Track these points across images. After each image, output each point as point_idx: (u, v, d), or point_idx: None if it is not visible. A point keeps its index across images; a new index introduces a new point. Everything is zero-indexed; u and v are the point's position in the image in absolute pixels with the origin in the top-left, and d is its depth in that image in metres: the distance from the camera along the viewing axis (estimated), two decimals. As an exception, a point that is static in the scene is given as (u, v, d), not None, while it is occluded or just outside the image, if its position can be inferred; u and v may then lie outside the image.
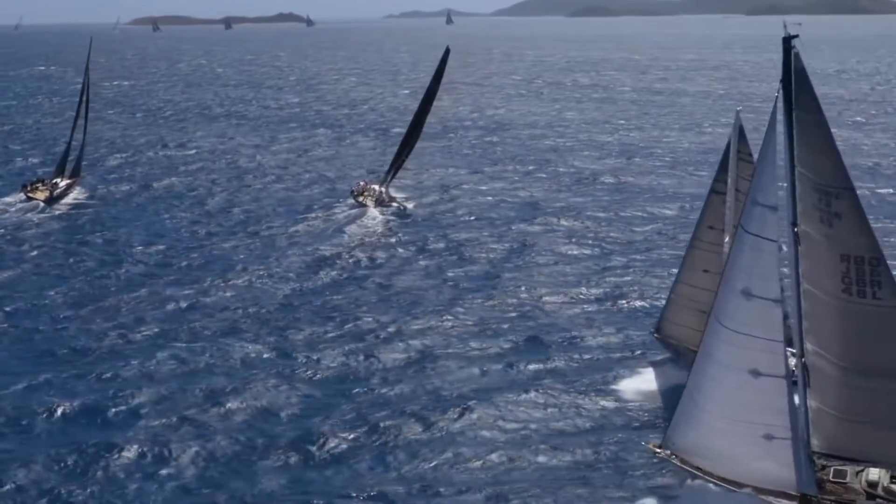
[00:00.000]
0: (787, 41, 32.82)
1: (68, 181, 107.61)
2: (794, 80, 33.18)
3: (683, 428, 37.71)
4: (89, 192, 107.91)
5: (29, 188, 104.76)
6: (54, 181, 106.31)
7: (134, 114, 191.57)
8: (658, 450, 38.87)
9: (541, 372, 52.58)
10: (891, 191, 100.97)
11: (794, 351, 37.11)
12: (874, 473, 36.61)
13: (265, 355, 55.70)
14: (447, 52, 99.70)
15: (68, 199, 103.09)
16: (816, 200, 33.76)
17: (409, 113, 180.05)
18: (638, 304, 64.11)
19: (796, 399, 36.75)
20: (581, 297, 66.60)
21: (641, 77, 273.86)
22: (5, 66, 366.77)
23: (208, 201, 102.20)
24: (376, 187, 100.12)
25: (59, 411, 47.65)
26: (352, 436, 44.90)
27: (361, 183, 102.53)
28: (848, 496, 36.15)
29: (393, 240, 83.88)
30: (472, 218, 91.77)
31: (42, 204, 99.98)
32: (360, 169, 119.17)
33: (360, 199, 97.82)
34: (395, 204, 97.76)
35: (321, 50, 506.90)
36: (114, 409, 48.03)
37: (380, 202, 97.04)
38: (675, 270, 55.20)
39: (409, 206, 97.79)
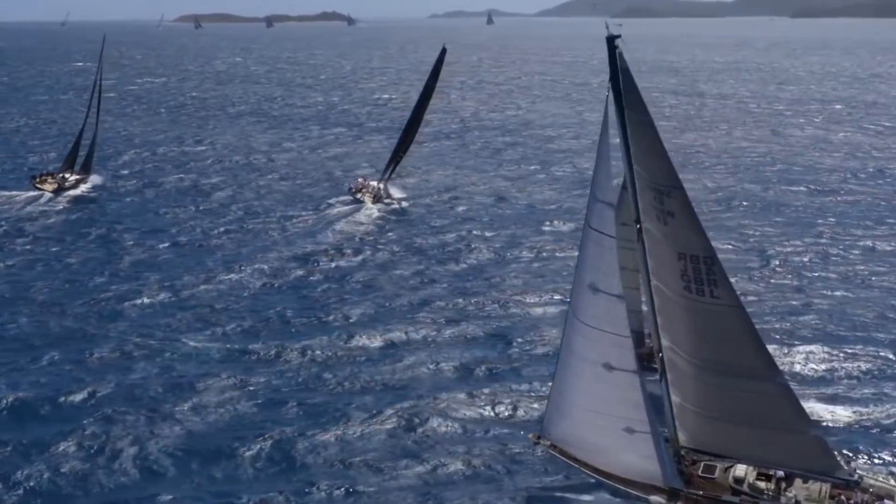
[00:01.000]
0: (611, 41, 32.91)
1: (77, 176, 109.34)
2: (622, 80, 33.19)
3: (555, 418, 38.21)
4: (97, 186, 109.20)
5: (38, 180, 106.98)
6: (62, 175, 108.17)
7: (158, 110, 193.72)
8: (537, 441, 39.15)
9: (492, 371, 52.73)
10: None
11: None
12: (741, 470, 36.95)
13: (223, 351, 56.21)
14: (443, 51, 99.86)
15: (74, 193, 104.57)
16: (652, 199, 34.08)
17: (430, 112, 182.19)
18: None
19: (656, 393, 37.22)
20: (554, 297, 66.42)
21: (672, 79, 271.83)
22: (46, 62, 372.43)
23: (210, 198, 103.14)
24: (374, 184, 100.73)
25: (3, 402, 48.56)
26: (281, 432, 45.27)
27: (360, 180, 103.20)
28: (714, 491, 36.39)
29: (380, 237, 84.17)
30: (466, 218, 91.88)
31: (48, 197, 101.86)
32: (369, 167, 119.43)
33: (358, 195, 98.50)
34: (392, 201, 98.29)
35: (359, 49, 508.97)
36: (61, 399, 48.95)
37: (377, 199, 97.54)
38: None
39: (406, 203, 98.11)
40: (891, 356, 54.39)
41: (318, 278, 71.59)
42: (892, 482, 37.49)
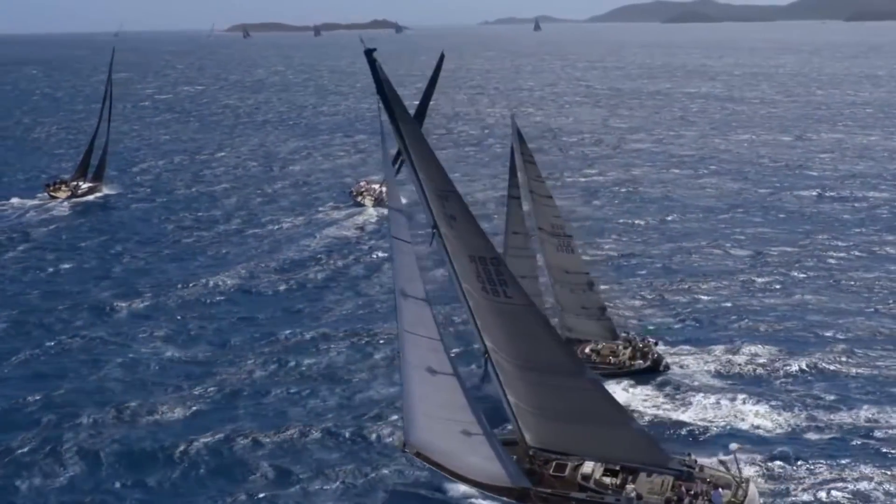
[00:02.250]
0: (369, 54, 33.07)
1: (90, 184, 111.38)
2: (387, 90, 33.26)
3: (408, 425, 38.45)
4: (108, 194, 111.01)
5: (51, 188, 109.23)
6: (75, 183, 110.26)
7: (188, 119, 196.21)
8: (403, 447, 39.19)
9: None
10: None
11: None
12: (588, 466, 36.98)
13: (187, 354, 56.88)
14: (441, 58, 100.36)
15: (83, 201, 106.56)
16: (438, 203, 34.45)
17: (454, 117, 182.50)
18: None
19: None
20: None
21: (707, 84, 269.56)
22: (93, 72, 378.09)
23: (215, 205, 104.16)
24: (376, 187, 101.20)
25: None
26: (216, 435, 45.38)
27: (362, 183, 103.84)
28: (563, 489, 36.38)
29: (371, 241, 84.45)
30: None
31: (56, 204, 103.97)
32: (381, 172, 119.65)
33: (359, 198, 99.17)
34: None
35: (402, 56, 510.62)
36: (13, 401, 49.76)
37: (379, 202, 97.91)
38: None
39: (405, 208, 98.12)
40: (842, 359, 53.82)
41: (297, 282, 72.05)
42: (722, 469, 37.71)
